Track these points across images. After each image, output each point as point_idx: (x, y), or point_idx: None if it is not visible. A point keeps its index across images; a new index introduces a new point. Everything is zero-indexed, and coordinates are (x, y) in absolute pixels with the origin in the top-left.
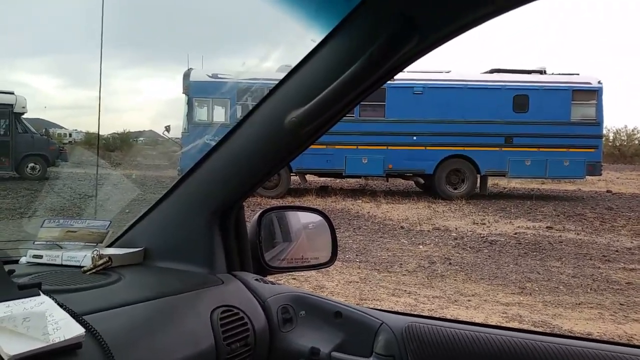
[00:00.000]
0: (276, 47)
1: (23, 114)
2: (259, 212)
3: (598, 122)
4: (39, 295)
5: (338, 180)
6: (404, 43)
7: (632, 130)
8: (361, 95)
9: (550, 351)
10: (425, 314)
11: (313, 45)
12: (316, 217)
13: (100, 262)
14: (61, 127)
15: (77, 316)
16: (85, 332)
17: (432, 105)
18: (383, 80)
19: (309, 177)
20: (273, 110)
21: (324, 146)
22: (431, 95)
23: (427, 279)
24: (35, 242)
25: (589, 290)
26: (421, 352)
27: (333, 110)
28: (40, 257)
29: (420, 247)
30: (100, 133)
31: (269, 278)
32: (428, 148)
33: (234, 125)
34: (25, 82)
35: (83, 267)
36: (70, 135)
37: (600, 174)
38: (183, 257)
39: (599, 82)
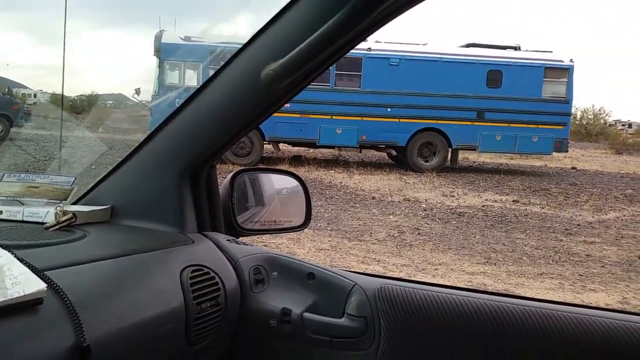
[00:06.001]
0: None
1: None
2: (232, 173)
3: (568, 100)
4: None
5: (312, 150)
6: None
7: (599, 110)
8: (341, 50)
9: (518, 313)
10: None
11: None
12: (290, 180)
13: (64, 218)
14: (26, 87)
15: (38, 271)
16: (46, 287)
17: (408, 77)
18: (365, 35)
19: (282, 147)
20: (249, 62)
21: (298, 115)
22: (407, 67)
23: (397, 248)
24: None
25: (550, 261)
26: (393, 313)
27: (312, 64)
28: (0, 212)
29: (391, 217)
30: (68, 95)
31: (242, 240)
32: (402, 120)
33: (207, 78)
34: None
35: (45, 223)
36: (35, 95)
37: (567, 151)
38: (152, 215)
39: (571, 61)
